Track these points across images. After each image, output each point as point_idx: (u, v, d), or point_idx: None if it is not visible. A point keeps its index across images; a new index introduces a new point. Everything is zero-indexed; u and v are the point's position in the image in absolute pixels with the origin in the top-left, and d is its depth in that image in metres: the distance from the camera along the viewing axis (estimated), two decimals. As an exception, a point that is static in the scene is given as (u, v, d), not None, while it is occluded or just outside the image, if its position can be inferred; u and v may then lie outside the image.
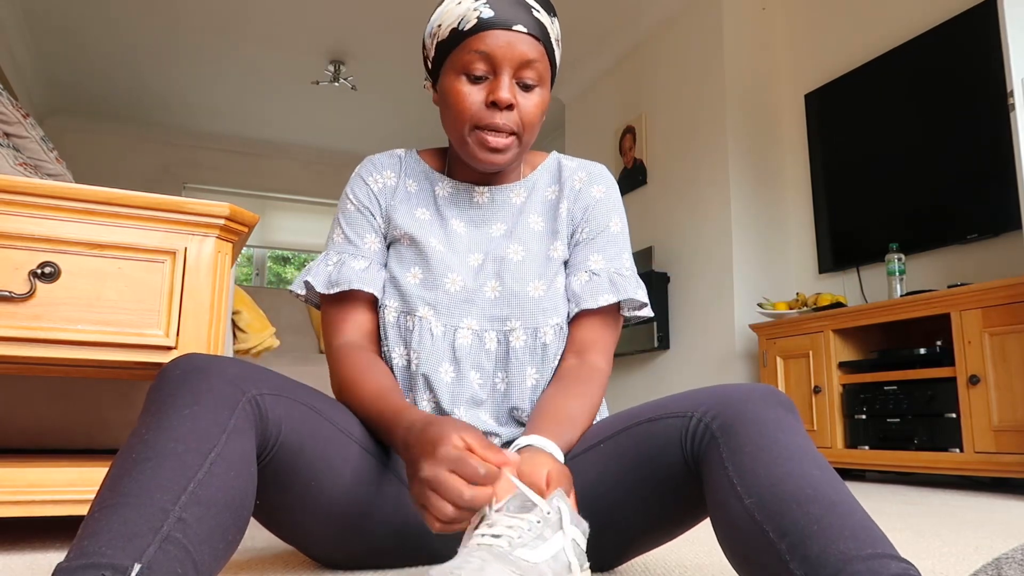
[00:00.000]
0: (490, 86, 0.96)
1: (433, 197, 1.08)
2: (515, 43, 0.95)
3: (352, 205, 1.08)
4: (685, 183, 4.03)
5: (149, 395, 0.74)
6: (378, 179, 1.09)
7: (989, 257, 2.83)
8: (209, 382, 0.74)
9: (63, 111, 5.74)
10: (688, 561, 1.12)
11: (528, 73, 0.97)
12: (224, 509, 0.66)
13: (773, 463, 0.72)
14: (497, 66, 0.95)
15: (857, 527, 0.65)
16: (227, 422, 0.71)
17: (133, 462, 0.66)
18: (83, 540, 0.60)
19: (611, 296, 1.02)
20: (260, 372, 0.81)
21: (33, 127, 1.72)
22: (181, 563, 0.61)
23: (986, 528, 1.52)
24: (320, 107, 5.71)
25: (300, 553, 1.19)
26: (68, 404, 1.99)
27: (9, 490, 1.16)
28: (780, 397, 0.81)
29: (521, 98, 0.97)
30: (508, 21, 0.94)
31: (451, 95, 0.98)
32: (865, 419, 2.77)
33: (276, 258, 6.89)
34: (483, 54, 0.94)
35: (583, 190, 1.09)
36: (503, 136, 0.97)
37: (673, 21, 4.24)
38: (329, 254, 1.06)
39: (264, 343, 2.15)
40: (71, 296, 1.22)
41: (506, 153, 0.98)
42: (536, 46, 0.96)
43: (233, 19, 4.49)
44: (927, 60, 3.07)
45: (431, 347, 1.00)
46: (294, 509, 0.88)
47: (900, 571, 0.61)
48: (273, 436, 0.80)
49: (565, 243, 1.07)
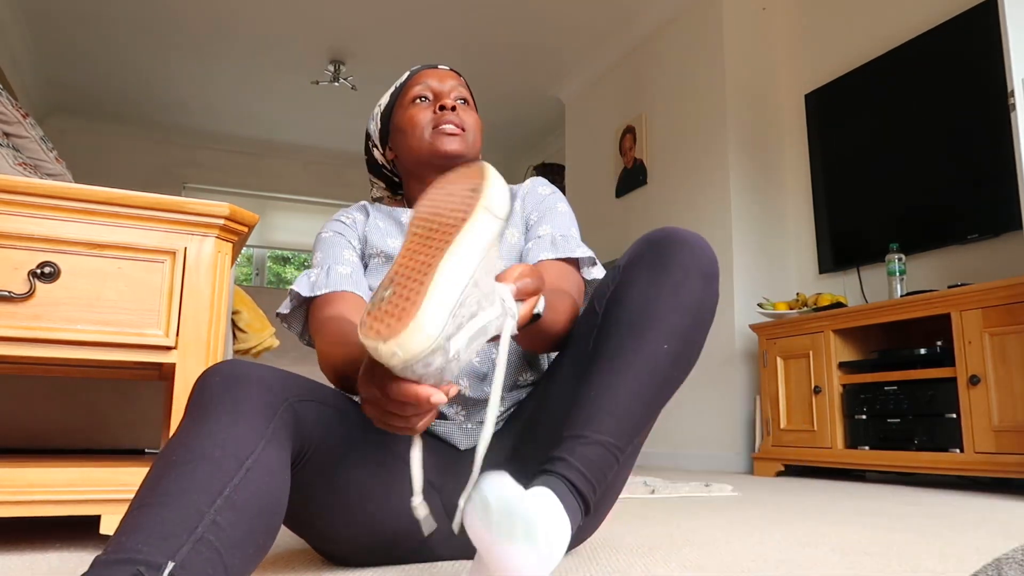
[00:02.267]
0: (435, 101, 1.16)
1: (400, 226, 1.21)
2: (443, 76, 1.19)
3: (327, 235, 1.19)
4: (685, 183, 4.03)
5: (190, 401, 0.77)
6: (349, 215, 1.22)
7: (989, 257, 2.82)
8: (248, 390, 0.76)
9: (63, 111, 5.74)
10: (688, 561, 1.12)
11: (461, 92, 1.19)
12: (257, 515, 0.68)
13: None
14: (435, 89, 1.17)
15: (594, 410, 0.83)
16: (265, 429, 0.74)
17: (172, 464, 0.69)
18: (121, 536, 0.62)
19: (550, 253, 1.13)
20: (293, 378, 0.84)
21: (33, 127, 1.72)
22: (212, 565, 0.63)
23: (986, 528, 1.52)
24: (320, 107, 5.71)
25: (301, 553, 1.19)
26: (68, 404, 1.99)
27: (9, 490, 1.16)
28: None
29: (461, 110, 1.16)
30: (432, 64, 1.21)
31: (405, 119, 1.16)
32: (865, 419, 2.77)
33: (276, 258, 6.89)
34: (423, 84, 1.17)
35: (531, 191, 1.25)
36: (456, 128, 1.14)
37: (673, 21, 4.23)
38: (310, 271, 1.15)
39: (264, 343, 2.15)
40: (71, 296, 1.21)
41: (460, 139, 1.14)
42: (459, 80, 1.20)
43: (233, 19, 4.49)
44: (927, 60, 3.07)
45: None
46: (322, 508, 0.91)
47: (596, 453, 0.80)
48: (308, 442, 0.83)
49: (519, 229, 1.21)
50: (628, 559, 1.14)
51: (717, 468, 3.55)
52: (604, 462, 0.81)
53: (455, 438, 1.08)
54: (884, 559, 1.15)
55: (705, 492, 2.32)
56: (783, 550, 1.23)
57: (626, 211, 4.53)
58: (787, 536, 1.40)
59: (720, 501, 2.09)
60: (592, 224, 4.84)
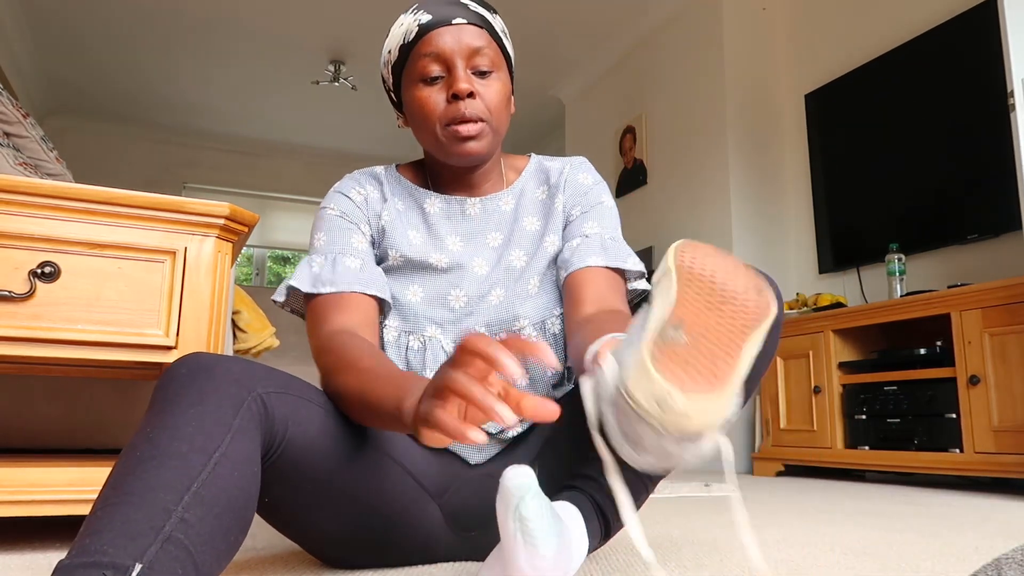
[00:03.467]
0: (448, 82, 0.98)
1: (423, 215, 1.08)
2: (459, 35, 0.97)
3: (333, 213, 1.05)
4: (685, 183, 4.03)
5: (155, 394, 0.74)
6: (361, 191, 1.07)
7: (989, 257, 2.82)
8: (214, 381, 0.73)
9: (63, 111, 5.74)
10: (688, 561, 1.12)
11: (480, 60, 0.99)
12: (227, 510, 0.66)
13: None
14: (449, 61, 0.97)
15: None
16: (231, 421, 0.71)
17: (137, 460, 0.66)
18: (85, 538, 0.60)
19: (600, 259, 1.02)
20: (265, 371, 0.81)
21: (33, 127, 1.72)
22: (182, 564, 0.60)
23: (986, 528, 1.52)
24: (320, 107, 5.71)
25: (300, 553, 1.19)
26: (68, 404, 1.99)
27: (9, 490, 1.16)
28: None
29: (480, 86, 0.99)
30: (446, 18, 0.97)
31: (415, 104, 1.00)
32: (865, 419, 2.77)
33: (276, 258, 6.89)
34: (432, 55, 0.97)
35: (570, 179, 1.11)
36: (473, 124, 0.98)
37: (673, 21, 4.23)
38: (312, 257, 1.02)
39: (264, 343, 2.15)
40: (71, 296, 1.21)
41: (480, 140, 0.99)
42: (480, 33, 0.99)
43: (233, 19, 4.49)
44: (927, 60, 3.07)
45: (444, 360, 1.00)
46: (304, 507, 0.88)
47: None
48: (280, 434, 0.80)
49: (559, 235, 1.09)
50: (628, 559, 1.14)
51: (717, 468, 3.55)
52: (634, 489, 0.78)
53: (467, 453, 1.05)
54: (884, 559, 1.15)
55: (705, 492, 2.32)
56: (783, 550, 1.23)
57: (626, 211, 4.53)
58: (787, 536, 1.40)
59: (720, 501, 2.09)
60: (592, 224, 4.83)
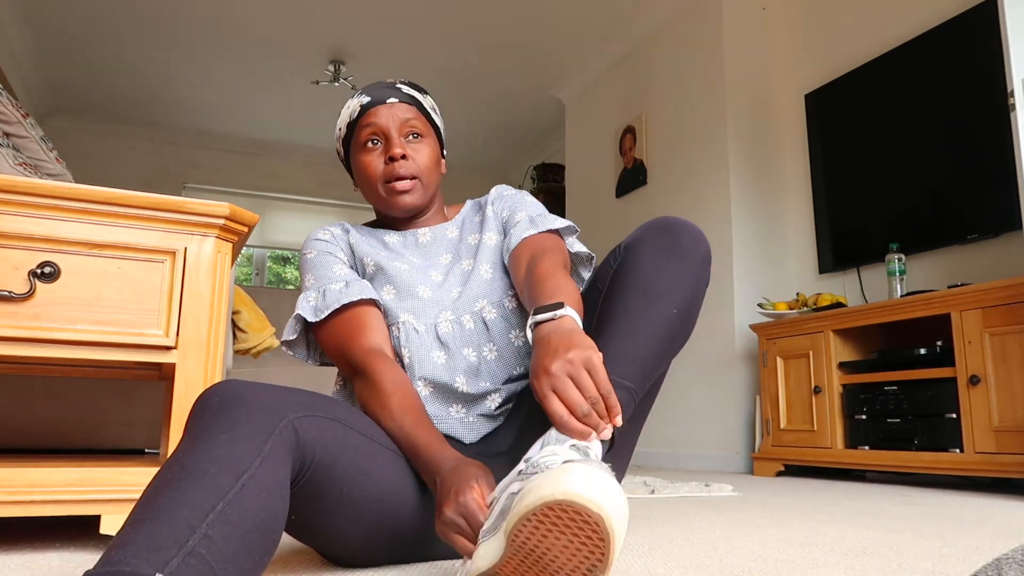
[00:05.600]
0: (385, 148, 1.18)
1: (383, 245, 1.24)
2: (392, 111, 1.18)
3: (311, 255, 1.21)
4: (685, 183, 4.03)
5: (188, 421, 0.78)
6: (329, 231, 1.24)
7: (989, 257, 2.82)
8: (246, 409, 0.76)
9: (63, 111, 5.74)
10: (688, 561, 1.12)
11: (410, 128, 1.19)
12: (252, 530, 0.68)
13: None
14: (385, 131, 1.18)
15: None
16: (262, 447, 0.74)
17: (167, 482, 0.68)
18: (111, 551, 0.62)
19: (531, 230, 1.16)
20: (295, 394, 0.85)
21: (33, 127, 1.72)
22: None
23: (986, 528, 1.52)
24: (320, 107, 5.71)
25: (300, 553, 1.19)
26: (68, 404, 1.99)
27: (8, 490, 1.16)
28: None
29: (411, 149, 1.18)
30: (382, 98, 1.19)
31: (360, 167, 1.19)
32: (865, 419, 2.77)
33: (276, 258, 6.88)
34: (372, 125, 1.18)
35: (498, 196, 1.29)
36: (406, 181, 1.16)
37: (673, 21, 4.23)
38: (307, 294, 1.16)
39: (264, 343, 2.15)
40: (71, 296, 1.21)
41: (413, 194, 1.18)
42: (411, 109, 1.20)
43: (233, 19, 4.49)
44: (927, 60, 3.06)
45: (418, 341, 1.12)
46: (328, 519, 0.91)
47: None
48: (309, 457, 0.83)
49: (498, 232, 1.24)
50: (628, 559, 1.14)
51: (717, 468, 3.55)
52: (625, 403, 0.88)
53: (460, 433, 1.11)
54: (884, 559, 1.15)
55: (705, 492, 2.32)
56: (783, 550, 1.23)
57: (626, 211, 4.53)
58: (787, 536, 1.40)
59: (720, 501, 2.09)
60: (592, 224, 4.84)
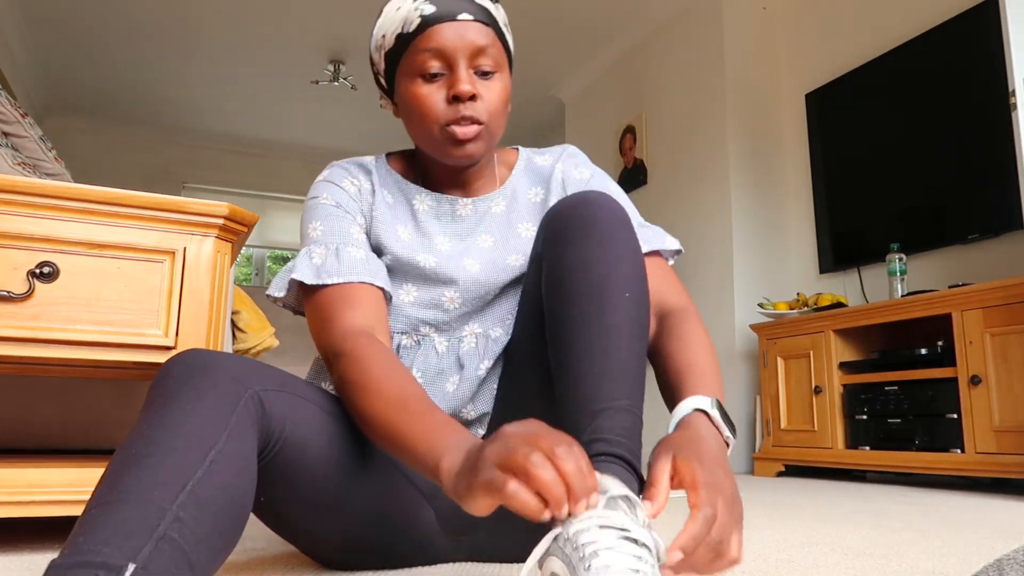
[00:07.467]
0: (449, 81, 0.93)
1: (412, 211, 1.03)
2: (464, 33, 0.92)
3: (327, 202, 0.99)
4: (685, 183, 4.03)
5: (151, 390, 0.73)
6: (354, 182, 1.02)
7: (990, 257, 2.82)
8: (212, 378, 0.72)
9: (62, 110, 5.74)
10: (688, 562, 1.12)
11: (483, 61, 0.94)
12: (223, 508, 0.66)
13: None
14: (451, 60, 0.92)
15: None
16: (228, 419, 0.70)
17: (133, 458, 0.65)
18: (79, 536, 0.59)
19: (646, 245, 0.98)
20: (263, 368, 0.80)
21: (32, 126, 1.72)
22: (177, 563, 0.60)
23: (987, 529, 1.52)
24: (320, 107, 5.71)
25: (300, 554, 1.18)
26: (68, 404, 1.98)
27: (8, 490, 1.16)
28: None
29: (482, 87, 0.94)
30: (452, 12, 0.92)
31: (412, 100, 0.95)
32: (866, 419, 2.77)
33: (276, 258, 6.89)
34: (434, 51, 0.92)
35: (567, 177, 1.08)
36: (472, 127, 0.93)
37: (673, 21, 4.23)
38: (311, 248, 0.95)
39: (264, 343, 2.15)
40: (70, 296, 1.21)
41: (478, 142, 0.95)
42: (486, 31, 0.94)
43: (233, 19, 4.49)
44: (927, 60, 3.06)
45: (437, 364, 0.99)
46: (300, 507, 0.88)
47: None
48: (276, 433, 0.79)
49: None
50: (628, 559, 1.13)
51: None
52: (634, 426, 0.79)
53: None
54: (884, 559, 1.15)
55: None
56: (783, 550, 1.23)
57: (626, 211, 4.52)
58: (787, 536, 1.40)
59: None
60: (592, 224, 4.83)
